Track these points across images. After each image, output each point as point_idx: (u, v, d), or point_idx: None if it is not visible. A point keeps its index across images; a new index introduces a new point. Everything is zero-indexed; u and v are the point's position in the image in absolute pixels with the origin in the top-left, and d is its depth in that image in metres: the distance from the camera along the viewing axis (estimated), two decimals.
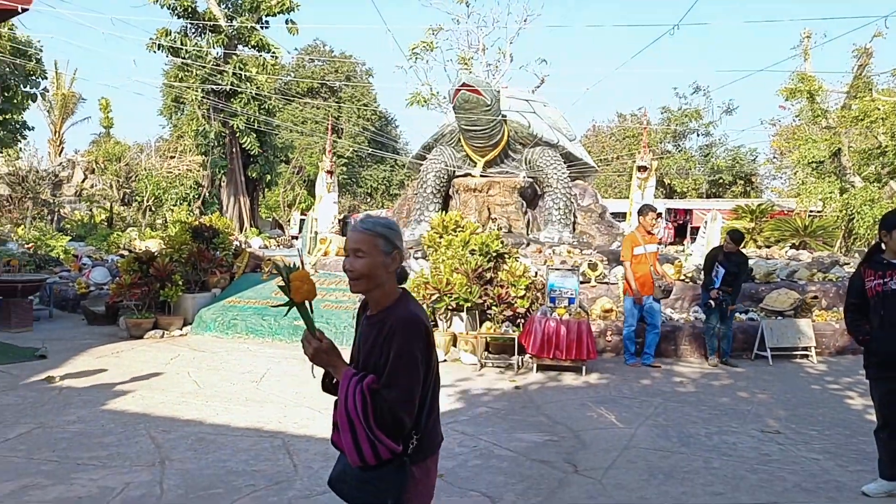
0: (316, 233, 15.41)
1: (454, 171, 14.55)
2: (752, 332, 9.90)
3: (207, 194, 27.90)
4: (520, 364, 8.70)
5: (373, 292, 2.44)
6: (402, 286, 2.52)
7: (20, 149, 27.91)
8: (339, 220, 17.07)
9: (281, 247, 20.99)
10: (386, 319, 2.37)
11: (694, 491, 4.80)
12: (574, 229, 14.26)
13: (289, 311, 2.44)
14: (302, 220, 23.66)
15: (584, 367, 8.47)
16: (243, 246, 14.52)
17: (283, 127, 34.86)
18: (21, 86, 19.73)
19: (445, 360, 9.04)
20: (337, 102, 41.64)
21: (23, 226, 23.60)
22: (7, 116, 20.14)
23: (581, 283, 9.62)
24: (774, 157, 38.92)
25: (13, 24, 18.38)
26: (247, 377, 7.95)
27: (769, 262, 13.09)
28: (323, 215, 16.20)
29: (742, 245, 9.56)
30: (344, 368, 2.38)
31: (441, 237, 10.59)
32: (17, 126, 21.14)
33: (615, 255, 12.42)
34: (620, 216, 17.66)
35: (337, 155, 19.96)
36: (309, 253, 14.34)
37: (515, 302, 9.13)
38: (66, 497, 4.46)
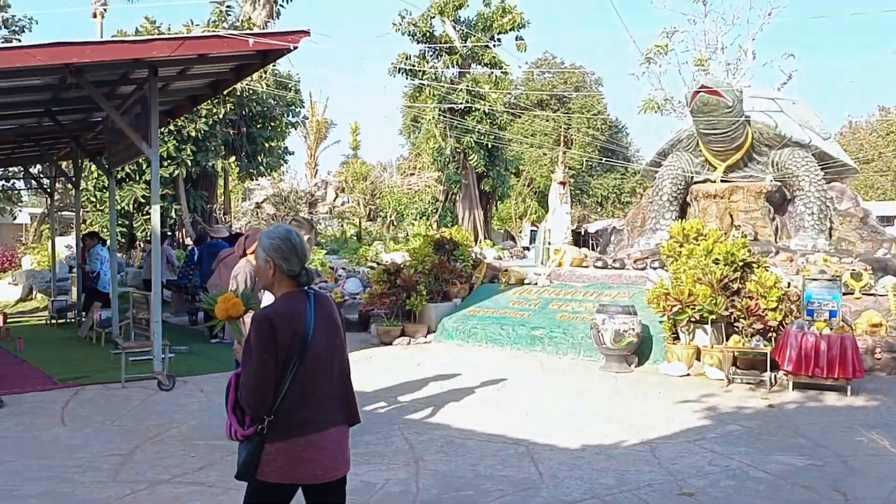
0: (549, 244, 15.51)
1: (692, 178, 13.94)
2: None
3: (443, 208, 29.24)
4: (772, 381, 8.11)
5: (272, 292, 2.95)
6: (305, 288, 2.91)
7: (283, 172, 31.20)
8: (572, 231, 17.04)
9: (514, 258, 21.42)
10: None
11: None
12: (830, 236, 13.03)
13: (221, 325, 3.58)
14: (533, 232, 23.95)
15: (848, 387, 7.69)
16: (480, 257, 15.01)
17: (514, 140, 35.58)
18: (284, 115, 22.00)
19: (689, 375, 8.67)
20: (566, 113, 41.68)
21: None
22: (272, 144, 22.51)
23: (843, 294, 8.76)
24: None
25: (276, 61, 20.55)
26: (488, 384, 8.20)
27: None
28: (556, 226, 16.27)
29: None
30: None
31: (681, 246, 10.20)
32: (281, 152, 23.52)
33: (881, 263, 11.17)
34: (887, 220, 15.83)
35: (567, 166, 19.94)
36: (542, 264, 14.46)
37: (766, 314, 8.51)
38: None
